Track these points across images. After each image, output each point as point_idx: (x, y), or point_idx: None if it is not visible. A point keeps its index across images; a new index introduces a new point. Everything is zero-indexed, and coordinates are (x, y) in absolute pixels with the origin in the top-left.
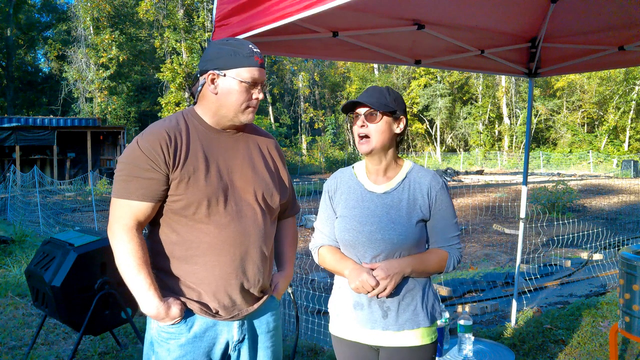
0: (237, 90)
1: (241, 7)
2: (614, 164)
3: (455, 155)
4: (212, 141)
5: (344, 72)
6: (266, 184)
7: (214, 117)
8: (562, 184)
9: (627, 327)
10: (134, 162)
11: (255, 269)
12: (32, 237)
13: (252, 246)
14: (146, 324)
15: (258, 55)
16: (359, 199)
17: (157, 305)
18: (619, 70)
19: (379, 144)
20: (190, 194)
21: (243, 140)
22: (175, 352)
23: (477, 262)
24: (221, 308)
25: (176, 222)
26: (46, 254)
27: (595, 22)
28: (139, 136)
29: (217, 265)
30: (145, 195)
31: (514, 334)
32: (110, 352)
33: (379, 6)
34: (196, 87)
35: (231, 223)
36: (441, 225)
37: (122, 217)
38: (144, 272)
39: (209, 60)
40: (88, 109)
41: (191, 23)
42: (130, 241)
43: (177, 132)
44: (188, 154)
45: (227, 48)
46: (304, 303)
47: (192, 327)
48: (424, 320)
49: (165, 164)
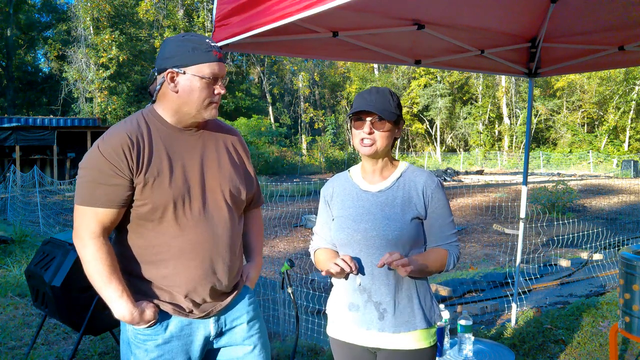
0: (198, 87)
1: (241, 7)
2: (614, 164)
3: (455, 155)
4: (174, 141)
5: (344, 72)
6: (232, 181)
7: (175, 116)
8: (562, 184)
9: (627, 327)
10: (97, 168)
11: (225, 268)
12: (32, 237)
13: (221, 246)
14: (121, 327)
15: (217, 50)
16: (354, 199)
17: (131, 311)
18: (619, 70)
19: (382, 148)
20: (156, 198)
21: (206, 138)
22: (154, 352)
23: (477, 262)
24: (194, 307)
25: (143, 227)
26: (46, 254)
27: (595, 22)
28: (100, 140)
29: (187, 268)
30: (111, 201)
31: (514, 334)
32: (110, 352)
33: (379, 6)
34: (154, 86)
35: (199, 224)
36: (438, 224)
37: (89, 224)
38: (115, 279)
39: (166, 58)
40: (88, 109)
41: (191, 23)
42: (99, 249)
43: (139, 135)
44: (151, 156)
45: (185, 44)
46: (304, 303)
47: (168, 327)
48: (421, 322)
49: (129, 169)
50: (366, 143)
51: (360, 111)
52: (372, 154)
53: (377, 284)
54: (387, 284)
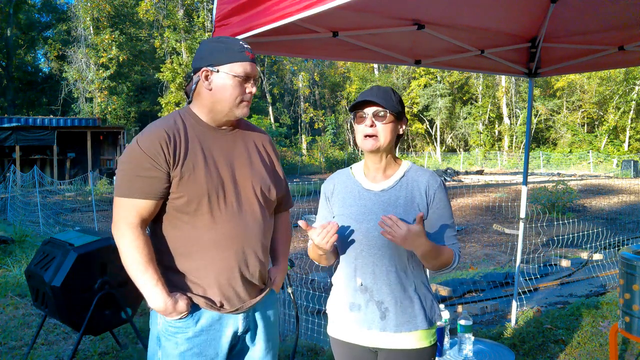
0: (230, 84)
1: (241, 7)
2: (614, 164)
3: (455, 155)
4: (209, 138)
5: (344, 72)
6: (263, 179)
7: (210, 114)
8: (562, 184)
9: (627, 327)
10: (136, 162)
11: (256, 261)
12: (32, 237)
13: (253, 240)
14: (150, 321)
15: (249, 51)
16: (356, 197)
17: (165, 300)
18: (619, 70)
19: (385, 143)
20: (191, 191)
21: (239, 136)
22: (183, 345)
23: (477, 262)
24: (226, 301)
25: (178, 219)
26: (46, 254)
27: (595, 22)
28: (139, 136)
29: (220, 260)
30: (148, 193)
31: (514, 334)
32: (110, 352)
33: (379, 6)
34: (190, 86)
35: (232, 218)
36: (440, 224)
37: (127, 215)
38: (151, 268)
39: (201, 58)
40: (88, 109)
41: (191, 23)
42: (136, 239)
43: (176, 131)
44: (187, 151)
45: (219, 45)
46: (304, 303)
47: (199, 321)
48: (422, 322)
49: (165, 162)
50: (368, 139)
51: (362, 104)
52: (375, 149)
53: (378, 283)
54: (388, 283)
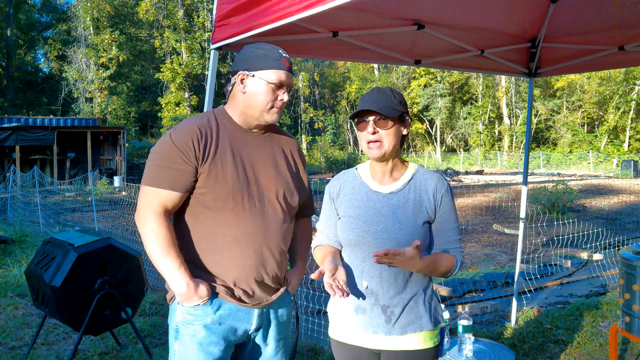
0: (264, 90)
1: (241, 7)
2: (614, 164)
3: (455, 155)
4: (239, 140)
5: (344, 72)
6: (287, 184)
7: (242, 117)
8: (562, 184)
9: (627, 327)
10: (166, 153)
11: (274, 263)
12: (32, 237)
13: (272, 242)
14: (169, 317)
15: (286, 60)
16: (364, 199)
17: (187, 282)
18: (619, 70)
19: (390, 148)
20: (218, 188)
21: (268, 140)
22: (201, 333)
23: (477, 262)
24: (244, 295)
25: (203, 215)
26: (46, 254)
27: (595, 22)
28: (172, 130)
29: (240, 258)
30: (174, 185)
31: (514, 334)
32: (110, 352)
33: (379, 6)
34: (227, 87)
35: (255, 218)
36: (445, 228)
37: (151, 203)
38: (173, 252)
39: (240, 62)
40: (88, 109)
41: (191, 23)
42: (159, 225)
43: (208, 129)
44: (217, 149)
45: (258, 51)
46: (304, 303)
47: (218, 311)
48: (427, 323)
49: (195, 157)
50: (373, 146)
51: (363, 112)
52: (381, 156)
53: (385, 286)
54: (395, 285)
